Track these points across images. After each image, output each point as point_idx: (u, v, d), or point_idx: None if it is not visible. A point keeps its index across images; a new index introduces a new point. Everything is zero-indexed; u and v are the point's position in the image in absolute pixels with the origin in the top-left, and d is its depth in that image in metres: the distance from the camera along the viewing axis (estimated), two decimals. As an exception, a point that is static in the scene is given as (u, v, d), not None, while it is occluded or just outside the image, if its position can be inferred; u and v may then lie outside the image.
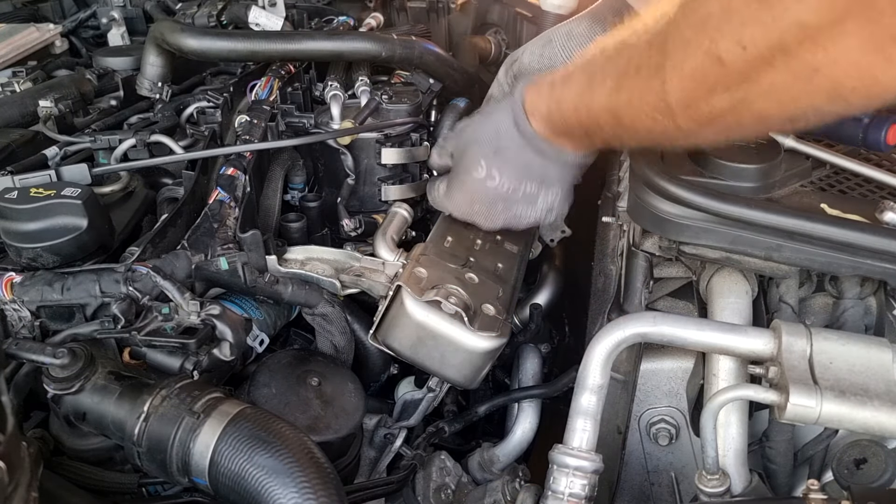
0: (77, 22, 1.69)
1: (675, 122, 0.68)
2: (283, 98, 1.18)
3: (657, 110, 0.68)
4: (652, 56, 0.67)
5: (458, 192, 1.01)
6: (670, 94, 0.65)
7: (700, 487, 0.83)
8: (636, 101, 0.71)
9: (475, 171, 0.96)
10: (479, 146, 0.96)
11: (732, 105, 0.62)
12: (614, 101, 0.75)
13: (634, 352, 0.96)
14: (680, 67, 0.63)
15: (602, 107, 0.78)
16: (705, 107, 0.63)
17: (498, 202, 0.97)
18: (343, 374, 1.00)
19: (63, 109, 1.16)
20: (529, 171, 0.93)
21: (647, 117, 0.71)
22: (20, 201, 0.84)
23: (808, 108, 0.59)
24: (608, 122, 0.79)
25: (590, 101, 0.80)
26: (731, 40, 0.56)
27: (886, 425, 0.74)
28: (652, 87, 0.67)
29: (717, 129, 0.67)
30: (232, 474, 0.70)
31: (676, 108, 0.66)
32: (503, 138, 0.93)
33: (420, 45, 1.23)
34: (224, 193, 0.97)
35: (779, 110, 0.61)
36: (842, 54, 0.51)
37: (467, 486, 1.05)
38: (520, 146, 0.92)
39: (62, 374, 0.76)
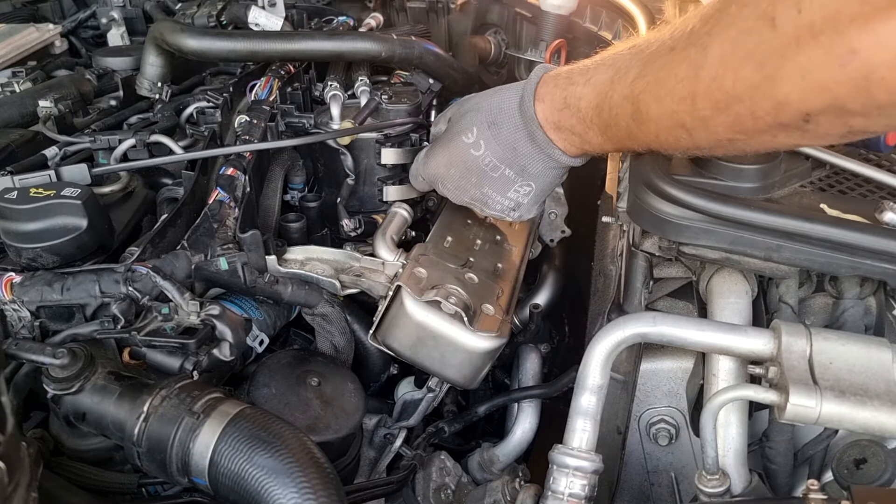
0: (77, 22, 1.70)
1: (694, 105, 0.68)
2: (282, 98, 1.18)
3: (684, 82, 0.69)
4: (692, 34, 0.68)
5: (441, 152, 1.00)
6: (707, 62, 0.65)
7: (700, 487, 0.83)
8: (662, 79, 0.71)
9: (465, 135, 0.96)
10: (476, 113, 0.96)
11: (758, 82, 0.62)
12: (638, 87, 0.76)
13: (634, 352, 0.96)
14: (726, 32, 0.64)
15: (623, 96, 0.78)
16: (731, 80, 0.64)
17: (473, 173, 0.97)
18: (343, 375, 1.00)
19: (63, 109, 1.16)
20: (514, 155, 0.93)
21: (667, 100, 0.71)
22: (20, 201, 0.84)
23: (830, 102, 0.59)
24: (624, 114, 0.79)
25: (611, 92, 0.80)
26: (790, 2, 0.57)
27: (886, 425, 0.74)
28: (688, 55, 0.68)
29: (730, 119, 0.67)
30: (232, 474, 0.70)
31: (704, 80, 0.66)
32: (502, 113, 0.93)
33: (420, 45, 1.23)
34: (224, 193, 0.97)
35: (799, 98, 0.60)
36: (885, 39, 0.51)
37: (467, 486, 1.05)
38: (515, 126, 0.92)
39: (62, 374, 0.76)
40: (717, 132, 0.71)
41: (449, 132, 1.01)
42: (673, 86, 0.70)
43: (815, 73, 0.58)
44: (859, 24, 0.53)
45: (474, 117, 0.96)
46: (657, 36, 0.76)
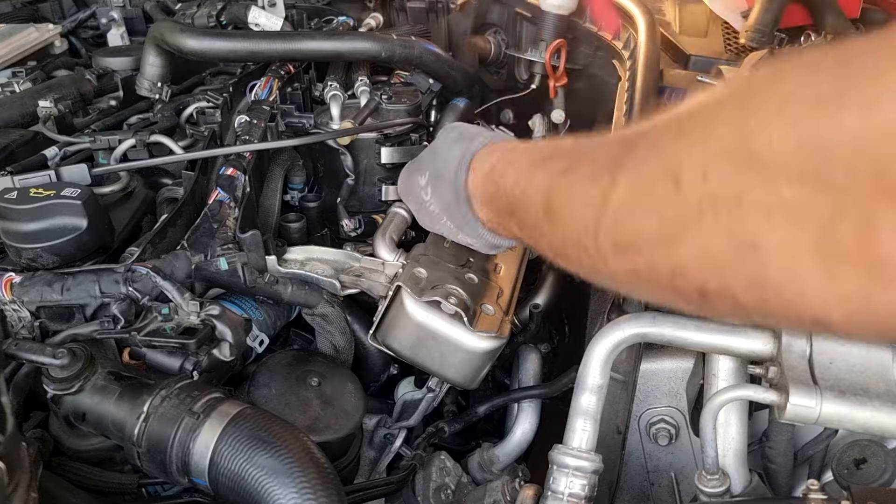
0: (76, 22, 1.70)
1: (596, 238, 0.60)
2: (282, 98, 1.18)
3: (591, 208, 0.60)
4: (612, 158, 0.60)
5: (405, 179, 1.03)
6: (612, 200, 0.57)
7: (700, 487, 0.83)
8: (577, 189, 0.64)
9: (420, 175, 0.97)
10: (434, 158, 0.95)
11: (657, 240, 0.54)
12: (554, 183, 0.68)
13: (634, 352, 0.96)
14: (633, 175, 0.56)
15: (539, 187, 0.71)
16: (632, 228, 0.56)
17: (424, 215, 0.98)
18: (343, 375, 1.00)
19: (63, 110, 1.16)
20: (451, 213, 0.91)
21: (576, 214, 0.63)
22: (20, 201, 0.84)
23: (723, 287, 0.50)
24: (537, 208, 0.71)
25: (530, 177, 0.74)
26: (696, 166, 0.49)
27: (886, 425, 0.75)
28: (601, 182, 0.59)
29: (628, 267, 0.58)
30: (232, 474, 0.70)
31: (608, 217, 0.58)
32: (446, 170, 0.90)
33: (420, 45, 1.23)
34: (224, 193, 0.97)
35: (695, 270, 0.51)
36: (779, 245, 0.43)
37: (467, 486, 1.05)
38: (450, 189, 0.89)
39: (62, 374, 0.76)
40: (617, 272, 0.61)
41: (416, 161, 1.02)
42: (582, 206, 0.62)
43: (711, 251, 0.49)
44: (763, 216, 0.43)
45: (431, 162, 0.95)
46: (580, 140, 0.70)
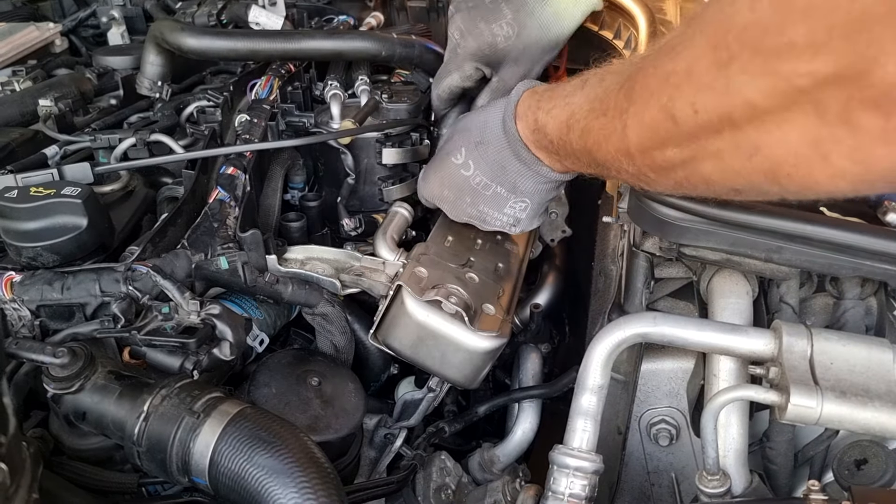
0: (77, 21, 1.69)
1: (636, 166, 0.69)
2: (283, 97, 1.18)
3: (620, 152, 0.70)
4: (619, 100, 0.68)
5: (433, 174, 1.02)
6: (630, 139, 0.67)
7: (700, 488, 0.83)
8: (603, 142, 0.72)
9: (454, 156, 0.96)
10: (464, 133, 0.96)
11: (682, 161, 0.63)
12: (586, 141, 0.76)
13: (635, 352, 0.96)
14: (640, 115, 0.64)
15: (578, 145, 0.78)
16: (659, 157, 0.64)
17: (466, 194, 0.97)
18: (343, 374, 1.00)
19: (63, 108, 1.16)
20: (503, 174, 0.93)
21: (613, 158, 0.72)
22: (20, 200, 0.84)
23: (748, 183, 0.60)
24: (585, 159, 0.80)
25: (567, 136, 0.80)
26: (685, 101, 0.57)
27: (887, 426, 0.75)
28: (615, 128, 0.68)
29: (673, 182, 0.68)
30: (232, 474, 0.70)
31: (635, 152, 0.67)
32: (488, 132, 0.92)
33: (420, 44, 1.23)
34: (224, 193, 0.97)
35: (721, 178, 0.61)
36: (782, 140, 0.51)
37: (467, 486, 1.04)
38: (501, 145, 0.91)
39: (62, 373, 0.76)
40: (668, 186, 0.71)
41: (439, 154, 1.02)
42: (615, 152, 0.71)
43: (727, 161, 0.58)
44: (754, 125, 0.53)
45: (462, 138, 0.96)
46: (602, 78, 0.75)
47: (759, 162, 0.54)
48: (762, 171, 0.55)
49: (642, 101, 0.63)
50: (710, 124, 0.56)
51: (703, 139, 0.58)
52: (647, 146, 0.65)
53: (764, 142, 0.53)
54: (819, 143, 0.48)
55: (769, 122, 0.51)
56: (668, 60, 0.59)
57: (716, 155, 0.58)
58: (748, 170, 0.56)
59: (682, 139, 0.60)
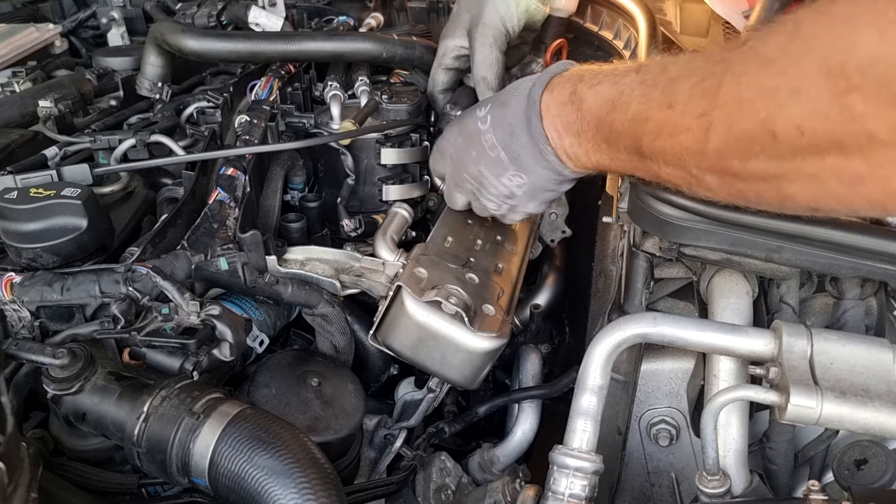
0: (77, 22, 1.69)
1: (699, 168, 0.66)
2: (282, 98, 1.18)
3: (688, 151, 0.66)
4: (694, 98, 0.65)
5: (456, 122, 1.02)
6: (710, 142, 0.63)
7: (700, 488, 0.83)
8: (667, 135, 0.68)
9: (479, 109, 0.96)
10: (497, 96, 0.97)
11: (765, 176, 0.60)
12: (638, 128, 0.72)
13: (635, 352, 0.96)
14: (728, 121, 0.61)
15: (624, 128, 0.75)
16: (739, 166, 0.62)
17: (474, 146, 0.95)
18: (343, 375, 1.00)
19: (63, 109, 1.16)
20: (511, 141, 0.90)
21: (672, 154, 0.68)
22: (20, 201, 0.84)
23: (844, 209, 0.58)
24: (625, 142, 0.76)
25: (611, 115, 0.77)
26: (789, 121, 0.54)
27: (887, 426, 0.74)
28: (688, 126, 0.65)
29: (737, 191, 0.66)
30: (232, 475, 0.70)
31: (711, 155, 0.64)
32: (513, 95, 0.91)
33: (420, 45, 1.23)
34: (224, 193, 0.97)
35: (810, 199, 0.59)
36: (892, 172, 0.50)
37: (467, 486, 1.04)
38: (519, 109, 0.89)
39: (62, 374, 0.76)
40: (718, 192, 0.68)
41: (470, 108, 1.03)
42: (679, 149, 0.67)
43: (825, 185, 0.56)
44: (866, 156, 0.51)
45: (494, 98, 0.97)
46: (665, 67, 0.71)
47: (863, 191, 0.53)
48: (866, 200, 0.54)
49: (732, 109, 0.60)
50: (816, 148, 0.54)
51: (802, 159, 0.56)
52: (729, 153, 0.62)
53: (874, 174, 0.51)
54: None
55: (885, 156, 0.50)
56: (767, 74, 0.56)
57: (811, 177, 0.56)
58: (849, 196, 0.55)
59: (777, 155, 0.57)
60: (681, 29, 1.37)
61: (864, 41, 0.48)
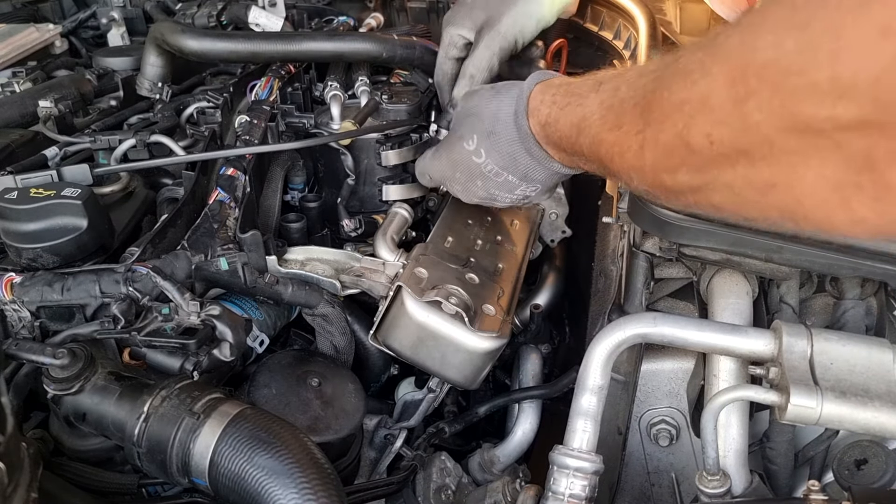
0: (77, 22, 1.69)
1: (647, 184, 0.69)
2: (283, 98, 1.18)
3: (633, 169, 0.69)
4: (635, 118, 0.67)
5: (445, 155, 1.01)
6: (646, 159, 0.66)
7: (700, 488, 0.83)
8: (617, 156, 0.71)
9: (466, 142, 0.96)
10: (476, 120, 0.96)
11: (695, 187, 0.62)
12: (598, 151, 0.75)
13: (635, 352, 0.96)
14: (655, 137, 0.63)
15: (589, 152, 0.78)
16: (670, 180, 0.64)
17: (477, 178, 0.97)
18: (343, 375, 0.99)
19: (63, 110, 1.16)
20: (514, 164, 0.93)
21: (626, 173, 0.71)
22: (20, 201, 0.84)
23: (761, 217, 0.59)
24: (596, 165, 0.79)
25: (578, 139, 0.79)
26: (700, 131, 0.56)
27: (887, 426, 0.75)
28: (630, 145, 0.68)
29: (683, 203, 0.68)
30: (232, 475, 0.70)
31: (649, 172, 0.67)
32: (499, 123, 0.92)
33: (421, 45, 1.23)
34: (224, 194, 0.97)
35: (733, 208, 0.61)
36: (800, 181, 0.49)
37: (468, 486, 1.04)
38: (512, 138, 0.91)
39: (62, 374, 0.76)
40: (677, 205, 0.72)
41: (451, 136, 1.01)
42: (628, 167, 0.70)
43: (740, 193, 0.57)
44: (770, 163, 0.51)
45: (474, 124, 0.96)
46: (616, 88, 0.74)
47: (774, 199, 0.53)
48: (777, 207, 0.54)
49: (658, 124, 0.63)
50: (726, 157, 0.55)
51: (717, 169, 0.57)
52: (660, 168, 0.65)
53: (780, 180, 0.51)
54: (840, 188, 0.46)
55: (787, 162, 0.50)
56: (683, 87, 0.58)
57: (729, 186, 0.57)
58: (762, 204, 0.55)
59: (696, 166, 0.59)
60: (681, 29, 1.38)
61: (762, 46, 0.48)
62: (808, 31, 0.44)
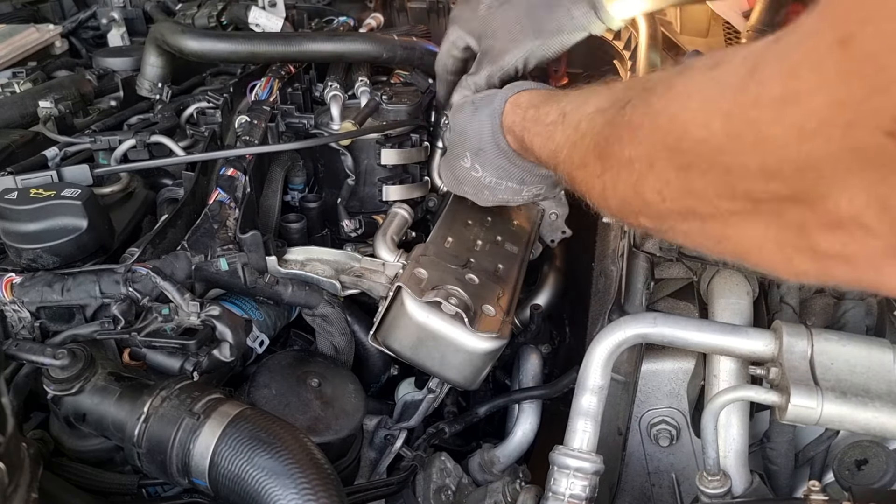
0: (77, 22, 1.69)
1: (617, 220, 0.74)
2: (283, 98, 1.18)
3: (602, 207, 0.70)
4: (594, 160, 0.69)
5: (450, 172, 1.04)
6: (609, 202, 0.67)
7: (701, 488, 0.83)
8: (587, 193, 0.72)
9: (462, 160, 0.98)
10: (464, 139, 0.98)
11: (655, 230, 0.64)
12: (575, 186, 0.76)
13: (635, 353, 0.96)
14: (613, 184, 0.65)
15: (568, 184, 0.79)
16: (634, 222, 0.65)
17: (483, 189, 0.99)
18: (343, 375, 0.99)
19: (63, 110, 1.16)
20: (509, 174, 0.95)
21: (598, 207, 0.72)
22: (20, 202, 0.84)
23: (719, 258, 0.60)
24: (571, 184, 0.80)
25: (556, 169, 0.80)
26: (651, 188, 0.57)
27: (887, 426, 0.74)
28: (594, 186, 0.69)
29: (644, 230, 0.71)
30: (232, 475, 0.70)
31: (615, 213, 0.68)
32: (483, 142, 0.94)
33: (421, 45, 1.23)
34: (224, 194, 0.97)
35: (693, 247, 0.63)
36: (748, 238, 0.51)
37: (468, 487, 1.04)
38: (496, 154, 0.93)
39: (62, 375, 0.76)
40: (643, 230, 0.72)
41: (450, 154, 1.04)
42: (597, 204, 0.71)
43: (698, 241, 0.58)
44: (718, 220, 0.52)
45: (464, 142, 0.98)
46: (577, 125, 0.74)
47: (727, 247, 0.55)
48: (732, 254, 0.56)
49: (614, 173, 0.64)
50: (677, 212, 0.57)
51: (671, 221, 0.59)
52: (623, 213, 0.66)
53: (729, 234, 0.53)
54: (782, 248, 0.48)
55: (733, 222, 0.51)
56: (630, 144, 0.60)
57: (685, 234, 0.59)
58: (718, 251, 0.57)
59: (652, 216, 0.61)
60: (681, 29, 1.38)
61: (693, 123, 0.50)
62: (732, 121, 0.46)
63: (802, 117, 0.40)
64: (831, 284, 0.50)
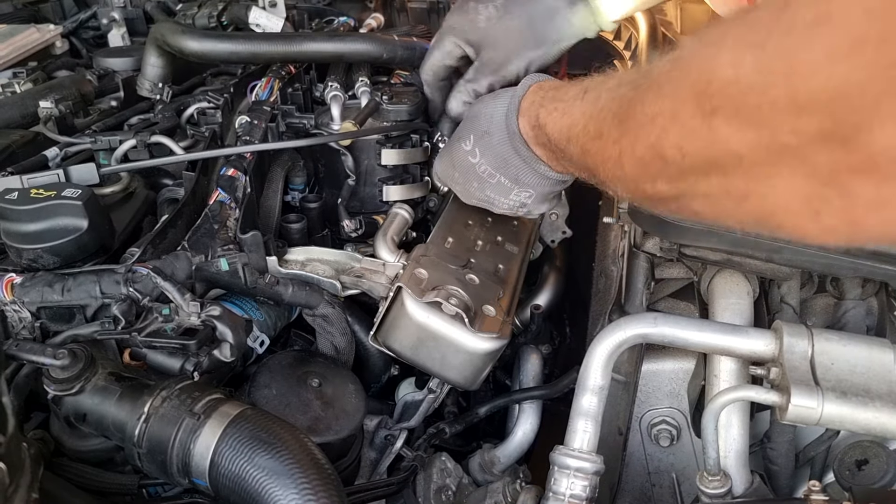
0: (77, 23, 1.69)
1: (630, 192, 0.71)
2: (283, 99, 1.18)
3: (616, 178, 0.70)
4: (613, 128, 0.68)
5: (446, 156, 1.04)
6: (625, 169, 0.67)
7: (701, 488, 0.83)
8: (601, 165, 0.72)
9: (463, 142, 0.98)
10: (474, 121, 0.97)
11: (672, 196, 0.63)
12: (586, 160, 0.76)
13: (636, 353, 0.96)
14: (632, 148, 0.64)
15: (578, 160, 0.79)
16: (650, 189, 0.65)
17: (474, 179, 0.99)
18: (344, 376, 0.99)
19: (63, 110, 1.16)
20: (506, 166, 0.94)
21: (611, 181, 0.72)
22: (21, 202, 0.84)
23: (738, 224, 0.60)
24: (585, 173, 0.81)
25: (567, 146, 0.80)
26: (672, 144, 0.56)
27: (888, 426, 0.74)
28: (611, 155, 0.69)
29: (665, 210, 0.69)
30: (232, 475, 0.70)
31: (630, 181, 0.68)
32: (493, 123, 0.93)
33: (421, 46, 1.23)
34: (224, 194, 0.97)
35: (712, 215, 0.61)
36: (771, 192, 0.50)
37: (468, 487, 1.04)
38: (503, 139, 0.92)
39: (62, 375, 0.76)
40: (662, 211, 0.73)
41: (453, 137, 1.03)
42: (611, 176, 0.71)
43: (717, 202, 0.57)
44: (741, 175, 0.52)
45: (472, 124, 0.97)
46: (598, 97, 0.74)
47: (749, 208, 0.54)
48: (752, 216, 0.55)
49: (633, 135, 0.63)
50: (699, 168, 0.55)
51: (691, 180, 0.58)
52: (639, 178, 0.66)
53: (753, 191, 0.52)
54: (809, 200, 0.47)
55: (757, 173, 0.50)
56: (655, 100, 0.59)
57: (705, 195, 0.58)
58: (738, 213, 0.56)
59: (671, 177, 0.60)
60: (681, 29, 1.37)
61: (722, 64, 0.49)
62: (764, 52, 0.45)
63: (834, 37, 0.39)
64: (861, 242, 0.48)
